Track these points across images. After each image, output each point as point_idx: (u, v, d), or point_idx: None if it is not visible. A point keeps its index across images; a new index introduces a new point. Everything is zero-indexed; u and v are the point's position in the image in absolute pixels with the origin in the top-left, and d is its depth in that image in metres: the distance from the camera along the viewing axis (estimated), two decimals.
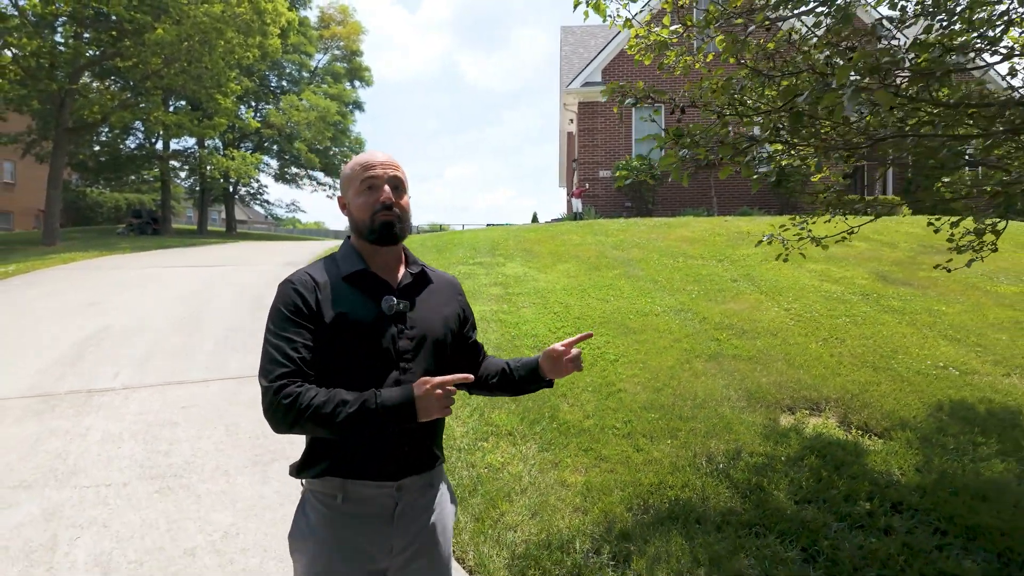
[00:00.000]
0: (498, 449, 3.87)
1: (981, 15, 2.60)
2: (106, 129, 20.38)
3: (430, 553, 1.37)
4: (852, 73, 1.68)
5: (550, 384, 1.51)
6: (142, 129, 22.91)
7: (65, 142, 16.72)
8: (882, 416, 4.08)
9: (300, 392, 1.19)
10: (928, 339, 5.56)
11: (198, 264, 11.17)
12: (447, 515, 1.45)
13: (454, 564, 2.54)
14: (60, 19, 16.37)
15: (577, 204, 15.10)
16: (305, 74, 32.65)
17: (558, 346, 1.45)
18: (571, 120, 17.22)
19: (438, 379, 1.19)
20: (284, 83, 32.15)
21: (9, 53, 14.57)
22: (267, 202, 34.60)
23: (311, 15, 32.08)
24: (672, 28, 3.32)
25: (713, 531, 2.96)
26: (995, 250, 3.48)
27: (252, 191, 33.45)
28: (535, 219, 20.91)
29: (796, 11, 2.40)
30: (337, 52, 33.32)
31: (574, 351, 1.46)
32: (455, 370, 1.49)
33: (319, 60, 33.34)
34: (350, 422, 1.18)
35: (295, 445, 3.76)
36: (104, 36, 15.86)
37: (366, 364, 1.29)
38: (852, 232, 3.89)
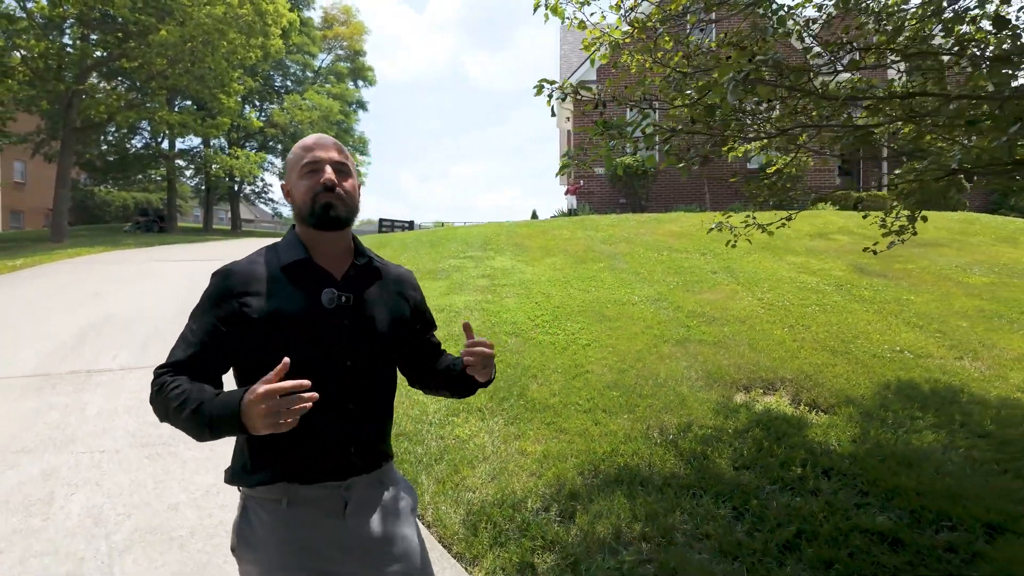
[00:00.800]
0: (467, 423, 4.13)
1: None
2: (113, 129, 20.80)
3: (399, 553, 1.30)
4: (740, 71, 1.92)
5: (485, 384, 1.38)
6: (148, 129, 23.34)
7: (73, 142, 17.14)
8: (831, 394, 4.31)
9: (164, 383, 1.15)
10: (891, 326, 5.77)
11: (198, 259, 11.51)
12: (406, 506, 1.38)
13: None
14: (68, 21, 16.77)
15: (572, 201, 15.35)
16: (309, 74, 33.06)
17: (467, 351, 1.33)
18: (567, 118, 17.46)
19: (265, 388, 1.00)
20: (288, 83, 32.59)
21: (18, 55, 14.96)
22: (271, 200, 35.04)
23: (315, 15, 32.49)
24: (624, 30, 3.57)
25: (655, 492, 3.21)
26: (915, 234, 3.71)
27: (257, 190, 33.90)
28: (535, 215, 21.17)
29: (716, 17, 2.64)
30: (340, 52, 33.72)
31: (469, 352, 1.30)
32: (407, 370, 1.46)
33: (323, 60, 33.75)
34: (191, 425, 1.11)
35: None
36: (110, 38, 16.27)
37: (305, 362, 1.17)
38: (790, 219, 4.14)
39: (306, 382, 1.02)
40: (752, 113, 2.54)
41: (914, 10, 2.48)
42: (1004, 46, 2.03)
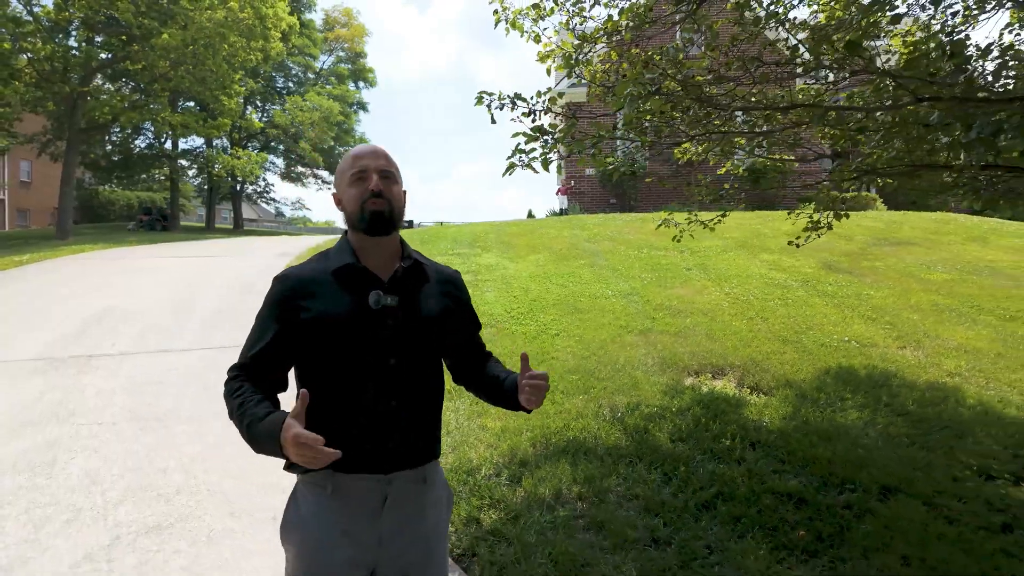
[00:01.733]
0: None
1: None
2: (117, 129, 21.25)
3: (424, 554, 1.36)
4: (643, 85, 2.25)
5: (527, 410, 1.40)
6: (151, 130, 23.80)
7: (78, 142, 17.58)
8: (773, 378, 4.65)
9: (232, 389, 1.28)
10: (846, 318, 6.10)
11: (198, 255, 11.89)
12: (441, 512, 1.43)
13: None
14: (73, 24, 17.21)
15: (564, 201, 15.70)
16: (311, 75, 33.50)
17: (519, 380, 1.36)
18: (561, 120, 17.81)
19: (297, 433, 1.10)
20: (291, 84, 33.05)
21: (24, 57, 15.40)
22: (273, 200, 35.48)
23: (316, 18, 32.93)
24: (574, 44, 3.92)
25: (596, 461, 3.56)
26: (830, 228, 4.06)
27: (259, 189, 34.36)
28: (530, 215, 21.51)
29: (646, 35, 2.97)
30: (341, 54, 34.16)
31: (527, 383, 1.33)
32: (452, 366, 1.52)
33: (324, 62, 34.21)
34: (245, 438, 1.23)
35: None
36: (114, 40, 16.70)
37: (351, 361, 1.28)
38: (724, 216, 4.50)
39: (320, 438, 1.09)
40: (685, 120, 2.88)
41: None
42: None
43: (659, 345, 5.39)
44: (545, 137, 2.89)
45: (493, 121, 3.04)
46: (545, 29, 3.88)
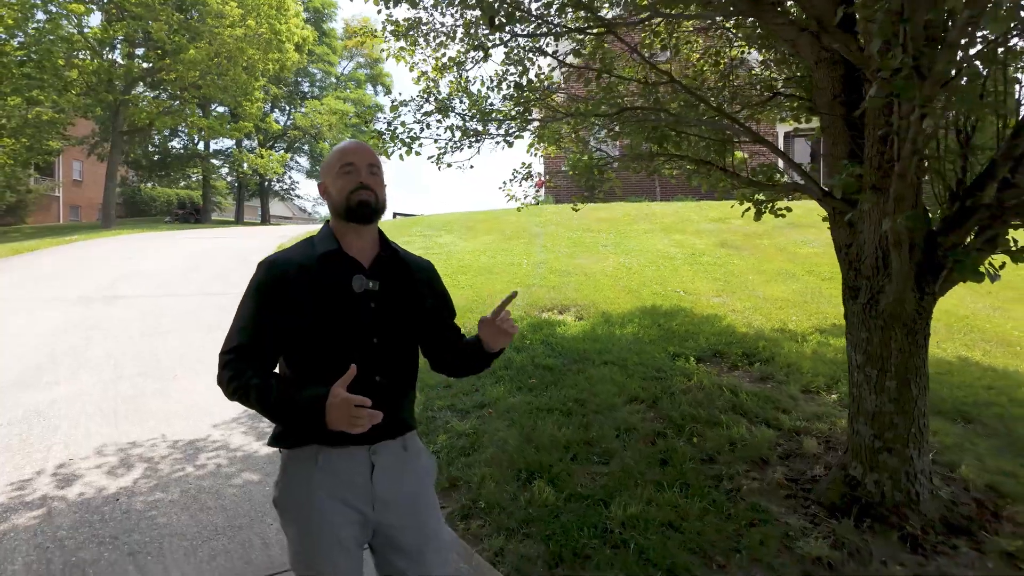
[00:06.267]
0: None
1: None
2: (155, 132, 23.87)
3: (417, 512, 1.44)
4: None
5: (496, 354, 1.53)
6: (185, 132, 26.45)
7: (120, 143, 20.11)
8: (597, 312, 6.30)
9: (234, 373, 1.31)
10: (694, 278, 7.66)
11: (213, 237, 14.04)
12: (425, 473, 1.51)
13: None
14: (117, 40, 19.73)
15: (540, 193, 17.43)
16: (333, 80, 35.95)
17: (489, 317, 1.46)
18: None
19: (348, 396, 1.21)
20: (316, 89, 35.58)
21: (76, 70, 17.89)
22: (298, 196, 38.02)
23: (337, 26, 35.33)
24: (438, 69, 5.66)
25: None
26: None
27: (285, 186, 36.98)
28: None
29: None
30: (360, 60, 36.50)
31: (503, 314, 1.46)
32: (429, 353, 1.59)
33: (345, 67, 36.58)
34: (267, 414, 1.31)
35: None
36: (151, 54, 19.20)
37: (337, 340, 1.36)
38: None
39: (368, 400, 1.21)
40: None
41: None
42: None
43: (534, 293, 7.07)
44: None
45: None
46: (424, 60, 5.62)
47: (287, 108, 34.53)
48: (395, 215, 27.94)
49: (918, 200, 2.72)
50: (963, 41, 1.91)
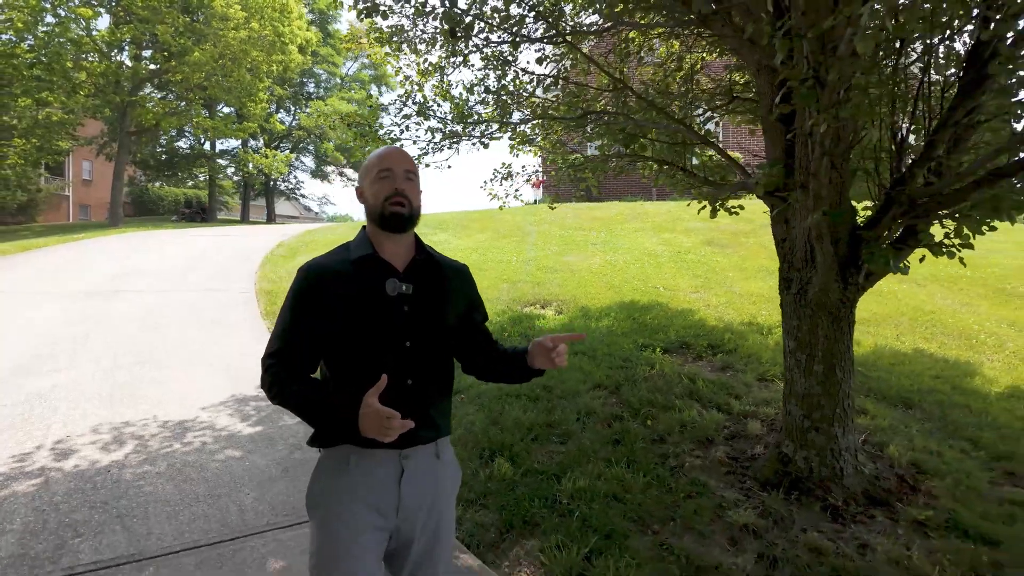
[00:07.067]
0: None
1: None
2: (161, 133, 24.32)
3: (436, 522, 1.46)
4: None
5: (540, 373, 1.52)
6: (190, 132, 26.91)
7: (128, 143, 20.53)
8: (577, 306, 6.53)
9: (276, 378, 1.35)
10: (677, 275, 7.88)
11: (216, 235, 14.37)
12: (451, 485, 1.52)
13: None
14: (124, 42, 20.13)
15: (537, 193, 17.64)
16: (338, 80, 36.34)
17: (547, 341, 1.45)
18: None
19: (379, 408, 1.24)
20: (322, 90, 35.99)
21: (84, 72, 18.29)
22: (303, 196, 38.44)
23: (343, 28, 35.68)
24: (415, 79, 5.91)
25: None
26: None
27: (290, 186, 37.38)
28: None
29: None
30: (365, 61, 36.82)
31: (561, 347, 1.45)
32: (462, 356, 1.60)
33: (349, 68, 36.95)
34: (309, 420, 1.36)
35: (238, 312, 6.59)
36: (157, 56, 19.63)
37: (370, 343, 1.38)
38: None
39: (395, 414, 1.24)
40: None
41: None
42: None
43: (519, 288, 7.31)
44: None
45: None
46: (408, 65, 5.88)
47: (292, 109, 34.96)
48: None
49: (842, 197, 2.94)
50: (850, 55, 2.13)
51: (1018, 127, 2.99)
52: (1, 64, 15.64)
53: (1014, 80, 2.26)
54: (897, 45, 2.56)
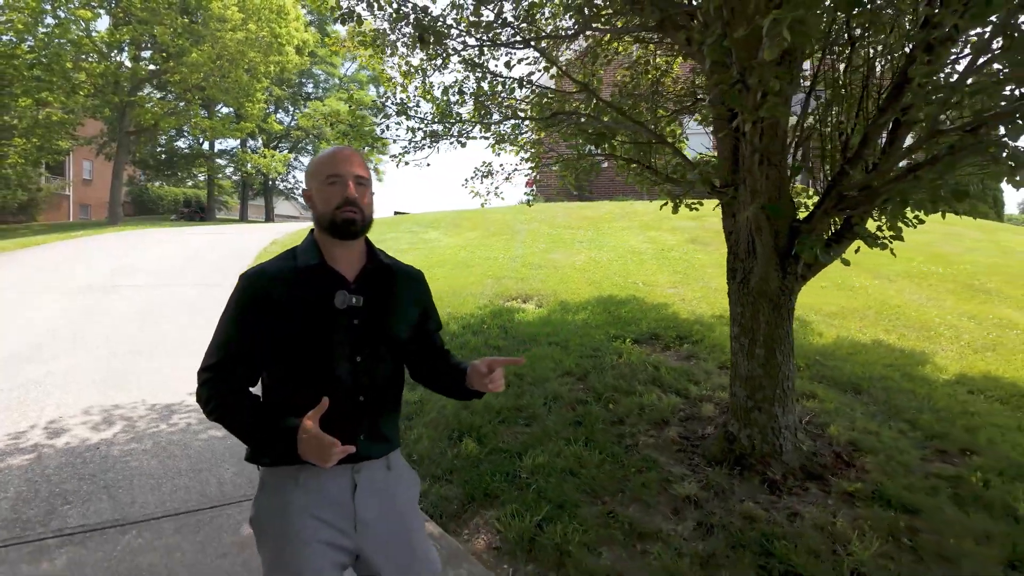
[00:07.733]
0: None
1: None
2: (160, 133, 24.58)
3: (402, 532, 1.39)
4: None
5: (479, 395, 1.47)
6: (189, 132, 27.17)
7: (127, 143, 20.79)
8: (556, 300, 6.74)
9: (213, 393, 1.28)
10: (658, 271, 8.09)
11: (212, 233, 14.61)
12: (410, 491, 1.47)
13: None
14: (124, 43, 20.39)
15: (531, 192, 17.90)
16: (336, 80, 36.60)
17: (482, 366, 1.39)
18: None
19: (318, 434, 1.18)
20: (320, 90, 36.25)
21: (84, 72, 18.55)
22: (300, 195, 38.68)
23: (341, 29, 35.95)
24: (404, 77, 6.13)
25: None
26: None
27: (289, 186, 37.62)
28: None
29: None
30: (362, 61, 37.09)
31: (496, 372, 1.38)
32: (413, 366, 1.54)
33: (348, 68, 37.20)
34: (242, 438, 1.28)
35: None
36: (156, 57, 19.90)
37: (318, 359, 1.31)
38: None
39: (337, 441, 1.18)
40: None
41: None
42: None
43: (502, 284, 7.53)
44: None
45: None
46: (392, 67, 6.10)
47: (291, 109, 35.21)
48: (395, 213, 28.55)
49: (781, 192, 3.16)
50: (769, 60, 2.35)
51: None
52: (2, 64, 15.90)
53: (928, 82, 2.48)
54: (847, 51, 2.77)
